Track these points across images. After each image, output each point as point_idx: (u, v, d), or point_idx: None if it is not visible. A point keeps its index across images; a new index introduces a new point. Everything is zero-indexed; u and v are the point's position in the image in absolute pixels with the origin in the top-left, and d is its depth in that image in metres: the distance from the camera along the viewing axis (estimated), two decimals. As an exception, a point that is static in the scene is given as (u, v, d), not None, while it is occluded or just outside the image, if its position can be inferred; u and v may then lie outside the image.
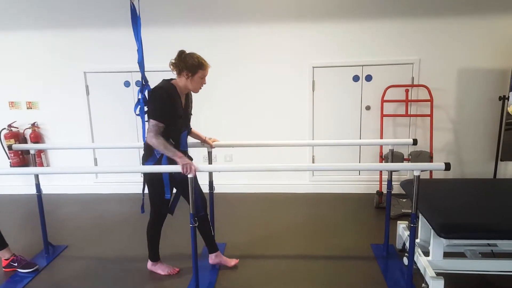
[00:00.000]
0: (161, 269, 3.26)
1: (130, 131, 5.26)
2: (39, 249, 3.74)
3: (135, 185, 5.35)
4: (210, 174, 3.42)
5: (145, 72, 2.95)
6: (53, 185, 5.42)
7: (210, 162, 3.46)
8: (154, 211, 3.10)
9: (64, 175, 5.44)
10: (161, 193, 2.97)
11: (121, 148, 5.12)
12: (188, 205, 2.81)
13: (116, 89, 5.15)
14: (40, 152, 5.29)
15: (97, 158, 5.40)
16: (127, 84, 5.11)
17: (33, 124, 5.26)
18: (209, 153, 3.39)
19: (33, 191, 3.55)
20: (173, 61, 2.91)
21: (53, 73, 5.15)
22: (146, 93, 2.89)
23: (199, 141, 3.31)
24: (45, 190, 4.11)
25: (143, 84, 2.90)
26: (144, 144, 2.97)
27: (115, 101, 5.18)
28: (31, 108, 5.28)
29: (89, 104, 5.22)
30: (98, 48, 5.03)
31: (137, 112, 2.90)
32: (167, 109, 2.80)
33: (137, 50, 2.83)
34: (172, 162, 2.83)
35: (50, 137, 5.36)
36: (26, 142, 5.28)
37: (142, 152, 5.19)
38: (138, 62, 2.86)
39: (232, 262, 3.34)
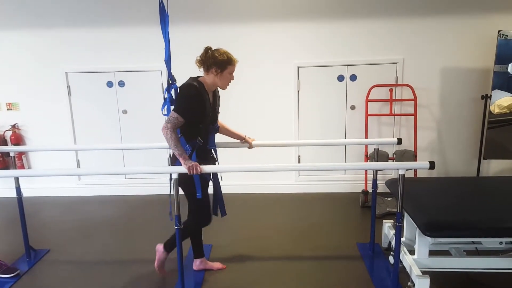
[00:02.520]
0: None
1: (113, 132, 5.18)
2: (20, 253, 3.66)
3: (118, 187, 5.29)
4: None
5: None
6: (34, 187, 5.32)
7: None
8: (191, 210, 3.04)
9: (46, 178, 5.33)
10: (193, 192, 2.92)
11: (104, 150, 5.05)
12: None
13: (98, 89, 5.07)
14: (20, 154, 5.18)
15: (80, 160, 5.31)
16: (109, 84, 5.04)
17: (13, 126, 5.15)
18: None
19: (14, 194, 3.47)
20: (200, 58, 2.83)
21: (33, 74, 5.05)
22: (172, 92, 2.83)
23: None
24: (26, 193, 4.02)
25: (169, 83, 2.82)
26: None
27: (97, 101, 5.10)
28: (11, 109, 5.17)
29: (71, 105, 5.13)
30: (79, 48, 4.95)
31: (164, 111, 2.81)
32: (193, 107, 2.73)
33: (165, 48, 2.75)
34: (204, 162, 2.82)
35: (31, 139, 5.25)
36: (6, 144, 5.16)
37: (124, 153, 5.19)
38: (165, 61, 2.77)
39: (218, 266, 3.31)
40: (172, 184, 2.77)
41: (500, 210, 2.71)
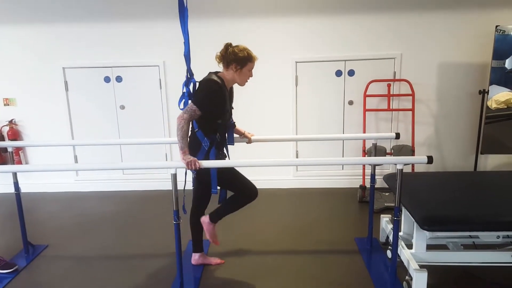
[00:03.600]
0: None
1: (110, 128, 5.17)
2: (19, 249, 3.66)
3: (116, 183, 5.29)
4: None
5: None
6: (32, 183, 5.31)
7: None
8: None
9: (44, 173, 5.33)
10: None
11: (102, 145, 5.05)
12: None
13: (96, 85, 5.05)
14: (18, 149, 5.16)
15: (77, 155, 5.30)
16: (107, 79, 5.02)
17: (10, 121, 5.13)
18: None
19: (11, 189, 3.46)
20: (220, 54, 2.83)
21: (30, 69, 5.03)
22: (191, 86, 2.83)
23: None
24: (24, 188, 4.01)
25: (188, 77, 2.82)
26: (189, 137, 2.85)
27: (95, 97, 5.08)
28: (8, 105, 5.15)
29: (68, 100, 5.11)
30: (77, 43, 4.92)
31: (181, 106, 2.82)
32: (213, 103, 2.73)
33: (184, 42, 2.75)
34: (219, 157, 2.89)
35: (29, 135, 5.24)
36: (3, 140, 5.15)
37: (122, 148, 5.19)
38: (184, 55, 2.78)
39: (217, 261, 3.32)
40: (172, 179, 2.77)
41: (497, 204, 2.72)
